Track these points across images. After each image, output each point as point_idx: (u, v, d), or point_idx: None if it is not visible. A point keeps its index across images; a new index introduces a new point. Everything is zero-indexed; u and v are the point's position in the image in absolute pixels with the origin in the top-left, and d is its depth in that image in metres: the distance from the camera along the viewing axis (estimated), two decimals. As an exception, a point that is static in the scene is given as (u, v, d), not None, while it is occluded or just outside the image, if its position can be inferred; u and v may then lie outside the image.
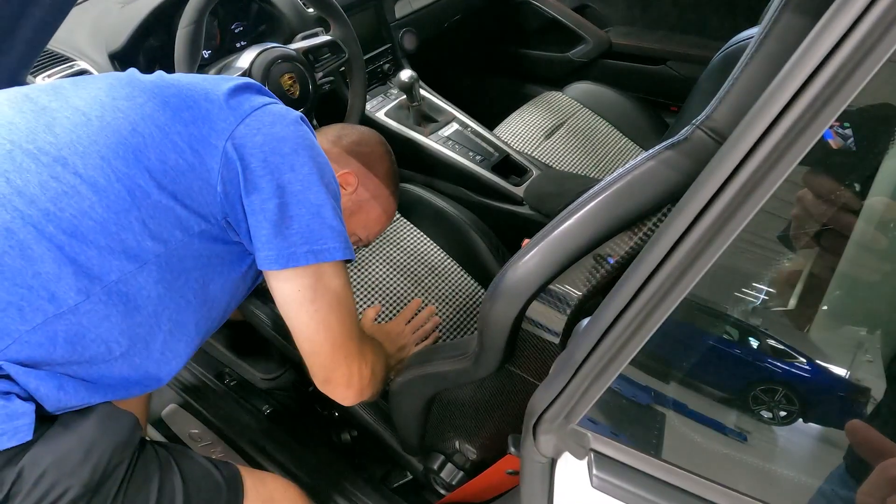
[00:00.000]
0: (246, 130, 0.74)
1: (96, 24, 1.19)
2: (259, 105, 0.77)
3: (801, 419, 0.53)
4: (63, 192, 0.66)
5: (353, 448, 1.26)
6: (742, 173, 0.42)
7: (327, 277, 0.78)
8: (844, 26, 0.36)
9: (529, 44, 2.10)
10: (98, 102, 0.72)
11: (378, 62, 1.61)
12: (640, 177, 0.54)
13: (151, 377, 0.75)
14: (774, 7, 0.49)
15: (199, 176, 0.72)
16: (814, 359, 0.53)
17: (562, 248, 0.58)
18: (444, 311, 1.24)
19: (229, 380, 1.36)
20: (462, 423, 0.99)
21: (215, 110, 0.74)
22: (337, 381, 0.83)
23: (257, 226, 0.74)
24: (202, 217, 0.73)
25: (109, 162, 0.68)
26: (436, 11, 1.77)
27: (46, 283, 0.64)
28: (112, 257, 0.67)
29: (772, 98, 0.40)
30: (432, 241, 1.36)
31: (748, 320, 0.54)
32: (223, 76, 0.81)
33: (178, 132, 0.71)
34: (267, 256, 0.74)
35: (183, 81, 0.77)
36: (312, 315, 0.78)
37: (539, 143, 1.62)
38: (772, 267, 0.53)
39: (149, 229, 0.69)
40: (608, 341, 0.44)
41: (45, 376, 0.65)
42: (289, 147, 0.75)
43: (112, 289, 0.68)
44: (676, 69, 1.84)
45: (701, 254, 0.43)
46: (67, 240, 0.65)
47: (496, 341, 0.67)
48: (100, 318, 0.67)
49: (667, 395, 0.51)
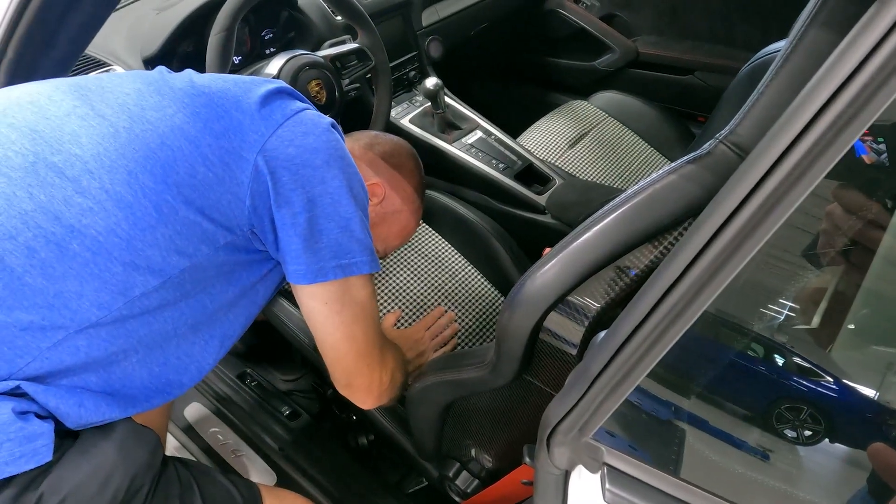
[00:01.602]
0: (278, 142, 0.72)
1: (132, 30, 1.22)
2: (291, 113, 0.75)
3: (826, 439, 0.52)
4: (89, 208, 0.65)
5: (369, 452, 1.26)
6: (764, 189, 0.42)
7: (354, 290, 0.78)
8: (871, 44, 0.35)
9: (556, 52, 2.10)
10: (126, 112, 0.70)
11: (404, 69, 1.63)
12: (661, 190, 0.54)
13: (173, 384, 0.75)
14: (801, 22, 0.49)
15: (229, 189, 0.70)
16: (840, 378, 0.52)
17: (581, 260, 0.58)
18: (464, 317, 1.24)
19: (250, 380, 1.38)
20: (478, 430, 0.99)
21: (247, 121, 0.72)
22: (357, 387, 0.85)
23: (287, 240, 0.73)
24: (228, 229, 0.71)
25: (137, 177, 0.66)
26: (463, 20, 1.78)
27: (68, 302, 0.63)
28: (136, 273, 0.66)
29: (795, 114, 0.40)
30: (453, 248, 1.37)
31: (772, 336, 0.53)
32: (254, 79, 0.79)
33: (209, 144, 0.70)
34: (296, 270, 0.75)
35: (214, 88, 0.75)
36: (338, 326, 0.79)
37: (563, 152, 1.62)
38: (797, 283, 0.52)
39: (175, 245, 0.68)
40: (624, 355, 0.44)
41: (65, 393, 0.64)
42: (321, 159, 0.74)
43: (135, 303, 0.67)
44: (704, 79, 1.83)
45: (720, 269, 0.43)
46: (92, 257, 0.64)
47: (513, 351, 0.67)
48: (121, 331, 0.67)
49: (685, 410, 0.51)
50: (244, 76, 0.80)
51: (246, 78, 0.79)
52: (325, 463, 1.24)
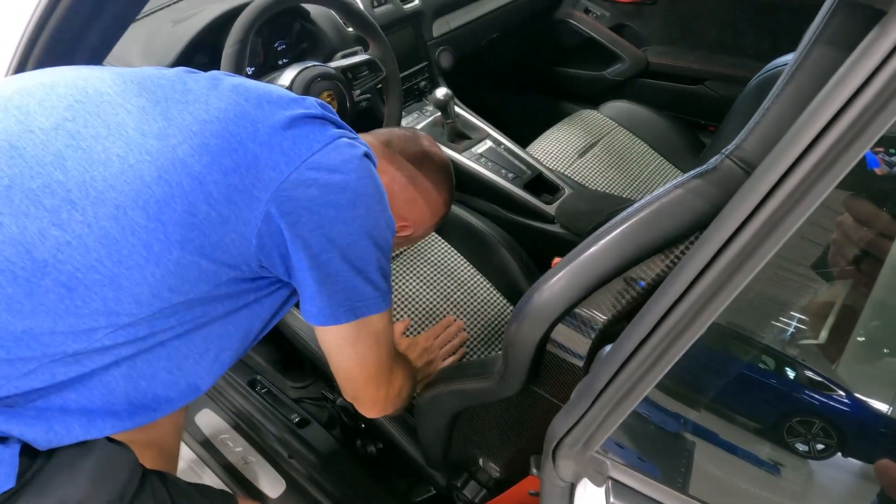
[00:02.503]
0: (299, 181, 0.65)
1: (148, 41, 1.25)
2: (318, 147, 0.67)
3: (839, 453, 0.52)
4: (66, 242, 0.58)
5: (378, 460, 1.27)
6: (769, 205, 0.42)
7: (369, 327, 0.75)
8: (873, 65, 0.36)
9: (565, 62, 2.11)
10: (123, 137, 0.62)
11: (414, 80, 1.64)
12: (668, 205, 0.55)
13: (160, 400, 0.69)
14: (807, 39, 0.49)
15: (233, 229, 0.64)
16: (852, 391, 0.52)
17: (588, 272, 0.58)
18: (473, 326, 1.25)
19: (260, 388, 1.39)
20: (486, 440, 0.99)
21: (264, 154, 0.65)
22: (363, 401, 0.84)
23: (302, 280, 0.69)
24: (231, 267, 0.66)
25: (126, 212, 0.60)
26: (473, 30, 1.79)
27: (39, 337, 0.58)
28: (120, 308, 0.61)
29: (800, 131, 0.41)
30: (463, 257, 1.37)
31: (781, 349, 0.53)
32: (282, 98, 0.71)
33: (215, 181, 0.62)
34: (309, 311, 0.72)
35: (231, 113, 0.66)
36: (351, 356, 0.77)
37: (572, 162, 1.62)
38: (806, 296, 0.52)
39: (168, 283, 0.62)
40: (629, 370, 0.45)
41: (32, 420, 0.60)
42: (346, 199, 0.68)
43: (118, 332, 0.62)
44: (714, 89, 1.82)
45: (726, 284, 0.43)
46: (67, 293, 0.58)
47: (520, 362, 0.68)
48: (105, 356, 0.62)
49: (690, 425, 0.51)
50: (272, 91, 0.72)
51: (274, 96, 0.71)
52: (334, 470, 1.25)
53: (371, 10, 1.50)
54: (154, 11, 1.34)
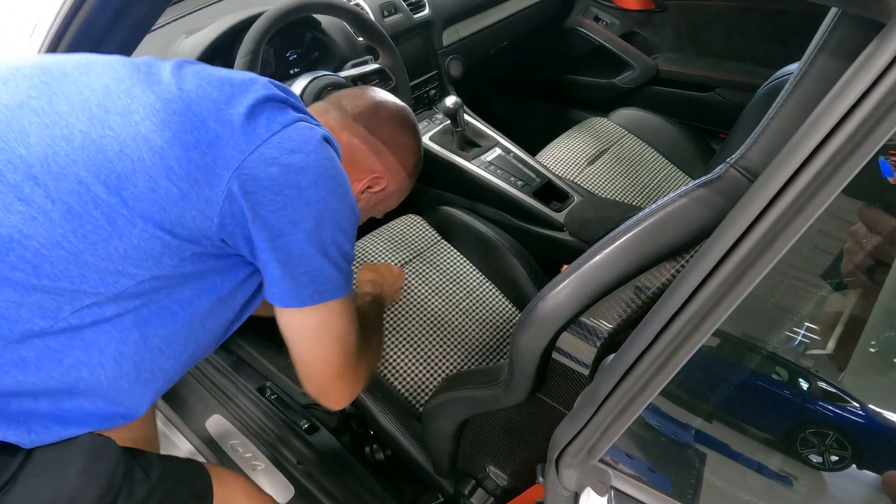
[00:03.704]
0: (259, 160, 0.66)
1: (162, 52, 1.27)
2: (279, 127, 0.68)
3: (854, 465, 0.51)
4: (31, 217, 0.59)
5: (386, 467, 1.27)
6: (771, 213, 0.42)
7: (332, 315, 0.74)
8: (876, 72, 0.36)
9: (575, 70, 2.11)
10: (86, 112, 0.63)
11: (424, 88, 1.65)
12: (673, 214, 0.55)
13: (137, 396, 0.70)
14: (811, 49, 0.49)
15: (194, 206, 0.64)
16: (864, 402, 0.52)
17: (592, 281, 0.58)
18: (482, 333, 1.25)
19: (270, 394, 1.40)
20: (494, 448, 0.99)
21: (226, 133, 0.65)
22: (327, 398, 0.83)
23: (265, 262, 0.69)
24: (194, 242, 0.66)
25: (88, 187, 0.60)
26: (483, 39, 1.80)
27: (5, 312, 0.59)
28: (85, 284, 0.61)
29: (803, 140, 0.41)
30: (471, 265, 1.38)
31: (788, 359, 0.53)
32: (245, 81, 0.72)
33: (177, 157, 0.63)
34: (272, 293, 0.71)
35: (194, 93, 0.67)
36: (314, 349, 0.76)
37: (582, 169, 1.62)
38: (816, 305, 0.52)
39: (131, 258, 0.62)
40: (631, 379, 0.45)
41: (10, 420, 0.60)
42: (307, 179, 0.68)
43: (85, 312, 0.62)
44: (725, 96, 1.82)
45: (728, 293, 0.43)
46: (32, 270, 0.59)
47: (526, 370, 0.68)
48: (75, 341, 0.62)
49: (693, 436, 0.51)
50: (235, 76, 0.73)
51: (237, 80, 0.72)
52: (343, 477, 1.25)
53: (381, 20, 1.52)
54: (168, 23, 1.36)
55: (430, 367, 1.19)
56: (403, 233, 1.41)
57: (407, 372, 1.18)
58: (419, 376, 1.18)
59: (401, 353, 1.19)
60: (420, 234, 1.42)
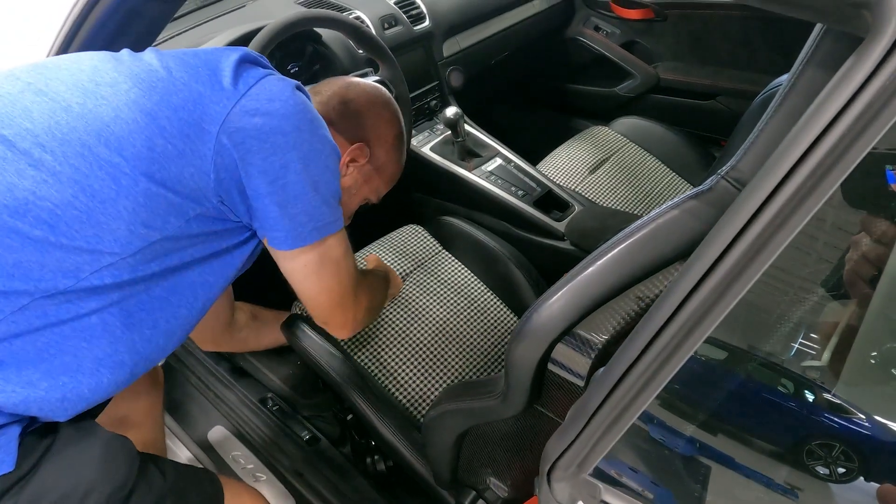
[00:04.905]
0: (242, 113, 0.71)
1: (165, 66, 1.29)
2: (254, 81, 0.74)
3: (861, 478, 0.51)
4: (43, 180, 0.64)
5: (387, 478, 1.27)
6: (758, 222, 0.42)
7: (331, 250, 0.81)
8: (856, 85, 0.36)
9: (576, 79, 2.12)
10: (80, 88, 0.69)
11: (425, 99, 1.66)
12: (664, 225, 0.55)
13: (150, 348, 0.75)
14: (799, 61, 0.49)
15: (190, 162, 0.70)
16: (870, 413, 0.51)
17: (585, 293, 0.58)
18: (483, 343, 1.25)
19: (272, 404, 1.40)
20: (494, 459, 0.98)
21: (207, 92, 0.72)
22: (333, 324, 0.91)
23: (263, 208, 0.74)
24: (195, 201, 0.71)
25: (91, 149, 0.66)
26: (484, 49, 1.81)
27: (29, 272, 0.63)
28: (101, 244, 0.66)
29: (787, 150, 0.41)
30: (473, 274, 1.38)
31: (789, 369, 0.52)
32: (216, 49, 0.79)
33: (167, 117, 0.69)
34: (275, 237, 0.77)
35: (174, 63, 0.74)
36: (316, 283, 0.83)
37: (583, 178, 1.62)
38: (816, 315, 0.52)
39: (140, 217, 0.67)
40: (620, 391, 0.45)
41: (47, 390, 0.65)
42: (290, 124, 0.74)
43: (104, 272, 0.66)
44: (727, 104, 1.82)
45: (717, 303, 0.43)
46: (50, 230, 0.64)
47: (521, 382, 0.68)
48: (92, 301, 0.67)
49: (682, 450, 0.51)
50: (208, 48, 0.81)
51: (209, 50, 0.79)
52: (344, 488, 1.25)
53: (382, 33, 1.53)
54: (170, 38, 1.38)
55: (431, 377, 1.19)
56: (405, 243, 1.42)
57: (408, 382, 1.18)
58: (420, 386, 1.18)
59: (402, 362, 1.19)
60: (421, 244, 1.43)
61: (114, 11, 0.91)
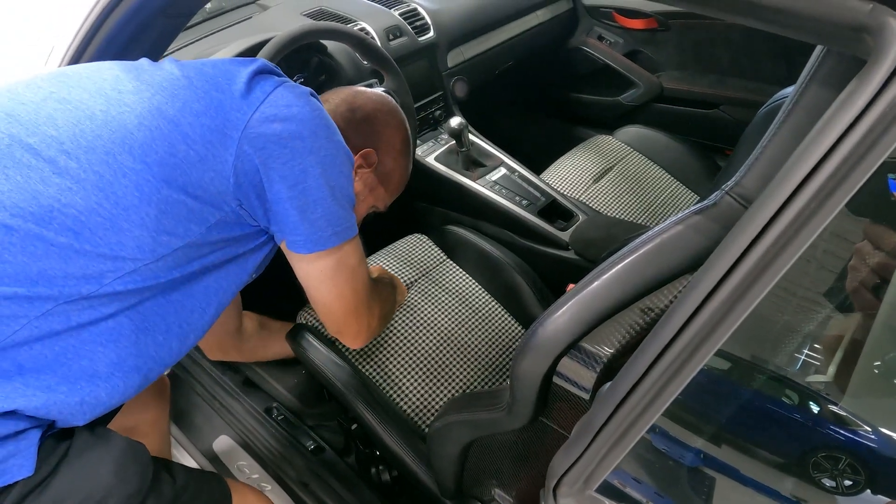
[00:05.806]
0: (262, 119, 0.73)
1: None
2: (271, 89, 0.76)
3: (868, 490, 0.51)
4: (67, 187, 0.65)
5: (392, 488, 1.27)
6: (765, 239, 0.42)
7: (346, 256, 0.83)
8: (859, 108, 0.36)
9: (580, 88, 2.12)
10: (103, 96, 0.71)
11: (430, 109, 1.67)
12: (669, 241, 0.55)
13: (166, 353, 0.76)
14: (802, 77, 0.50)
15: (211, 167, 0.71)
16: (876, 426, 0.51)
17: (590, 307, 0.59)
18: (488, 352, 1.25)
19: (277, 414, 1.41)
20: (499, 470, 0.98)
21: (227, 100, 0.74)
22: (347, 333, 0.92)
23: (283, 212, 0.76)
24: (215, 206, 0.73)
25: (115, 157, 0.67)
26: (488, 60, 1.82)
27: (53, 280, 0.64)
28: (124, 251, 0.67)
29: (794, 167, 0.41)
30: (477, 284, 1.38)
31: (796, 381, 0.52)
32: (234, 60, 0.81)
33: (190, 123, 0.71)
34: (295, 241, 0.78)
35: (193, 73, 0.76)
36: (331, 289, 0.84)
37: (587, 187, 1.63)
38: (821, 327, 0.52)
39: (163, 225, 0.69)
40: (627, 407, 0.45)
41: (66, 394, 0.65)
42: (308, 129, 0.76)
43: (127, 279, 0.68)
44: (730, 113, 1.82)
45: (723, 319, 0.44)
46: (74, 237, 0.65)
47: (527, 395, 0.68)
48: (114, 305, 0.68)
49: (688, 465, 0.51)
50: (226, 59, 0.83)
51: (226, 60, 0.81)
52: (349, 498, 1.25)
53: (387, 44, 1.54)
54: (178, 49, 1.39)
55: (435, 388, 1.19)
56: (409, 252, 1.42)
57: (412, 392, 1.18)
58: (425, 396, 1.18)
59: (406, 372, 1.19)
60: (426, 254, 1.43)
61: (125, 24, 0.93)
